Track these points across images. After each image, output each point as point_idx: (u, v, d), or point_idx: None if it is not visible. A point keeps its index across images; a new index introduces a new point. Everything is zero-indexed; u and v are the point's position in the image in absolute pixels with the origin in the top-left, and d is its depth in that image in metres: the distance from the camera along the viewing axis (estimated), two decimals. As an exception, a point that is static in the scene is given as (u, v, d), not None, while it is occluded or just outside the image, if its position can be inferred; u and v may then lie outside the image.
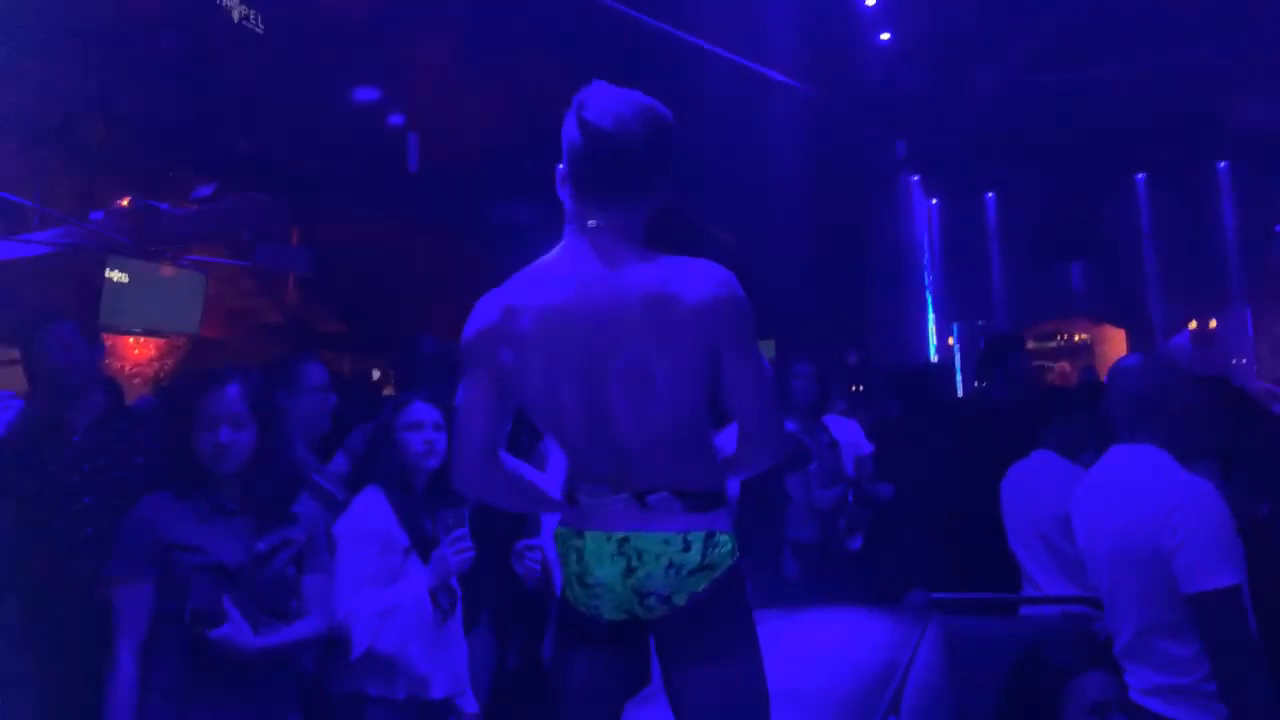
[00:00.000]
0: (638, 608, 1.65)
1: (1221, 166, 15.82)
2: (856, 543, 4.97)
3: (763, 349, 1.74)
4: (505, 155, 9.17)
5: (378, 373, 9.69)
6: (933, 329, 16.89)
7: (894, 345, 14.61)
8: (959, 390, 17.09)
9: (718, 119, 9.18)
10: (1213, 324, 16.03)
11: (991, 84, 12.91)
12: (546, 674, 1.81)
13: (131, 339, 9.21)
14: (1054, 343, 19.26)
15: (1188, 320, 16.13)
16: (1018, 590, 3.51)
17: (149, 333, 9.20)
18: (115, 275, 8.27)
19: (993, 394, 4.48)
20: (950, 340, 17.69)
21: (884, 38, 12.59)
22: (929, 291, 17.08)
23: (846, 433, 5.39)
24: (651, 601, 1.63)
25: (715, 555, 1.63)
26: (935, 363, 13.32)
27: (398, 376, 4.09)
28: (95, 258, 8.18)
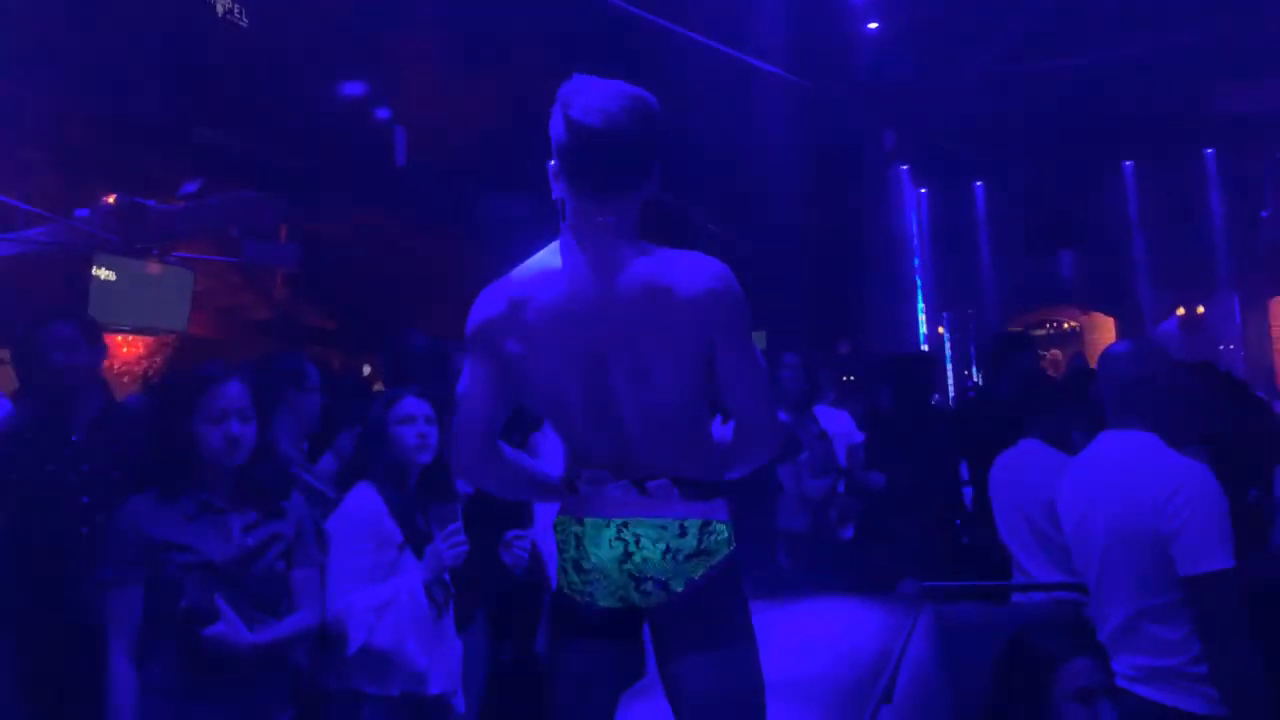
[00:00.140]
0: (634, 594, 1.66)
1: (1208, 153, 15.89)
2: (848, 532, 4.99)
3: (754, 340, 1.75)
4: (493, 149, 9.15)
5: (368, 368, 9.68)
6: (923, 318, 16.94)
7: (885, 334, 14.64)
8: (949, 379, 17.22)
9: (706, 110, 9.18)
10: (1200, 310, 16.13)
11: (979, 73, 12.92)
12: (541, 670, 1.82)
13: (119, 337, 9.17)
14: (1043, 330, 19.34)
15: (1176, 307, 16.22)
16: (1009, 578, 3.53)
17: (137, 330, 9.16)
18: (102, 273, 8.22)
19: (1001, 394, 4.48)
20: (940, 329, 17.76)
21: (872, 27, 12.59)
22: (919, 280, 17.13)
23: (838, 422, 5.41)
24: (648, 587, 1.64)
25: (712, 542, 1.64)
26: (925, 352, 13.35)
27: (386, 372, 4.08)
28: (82, 255, 8.13)
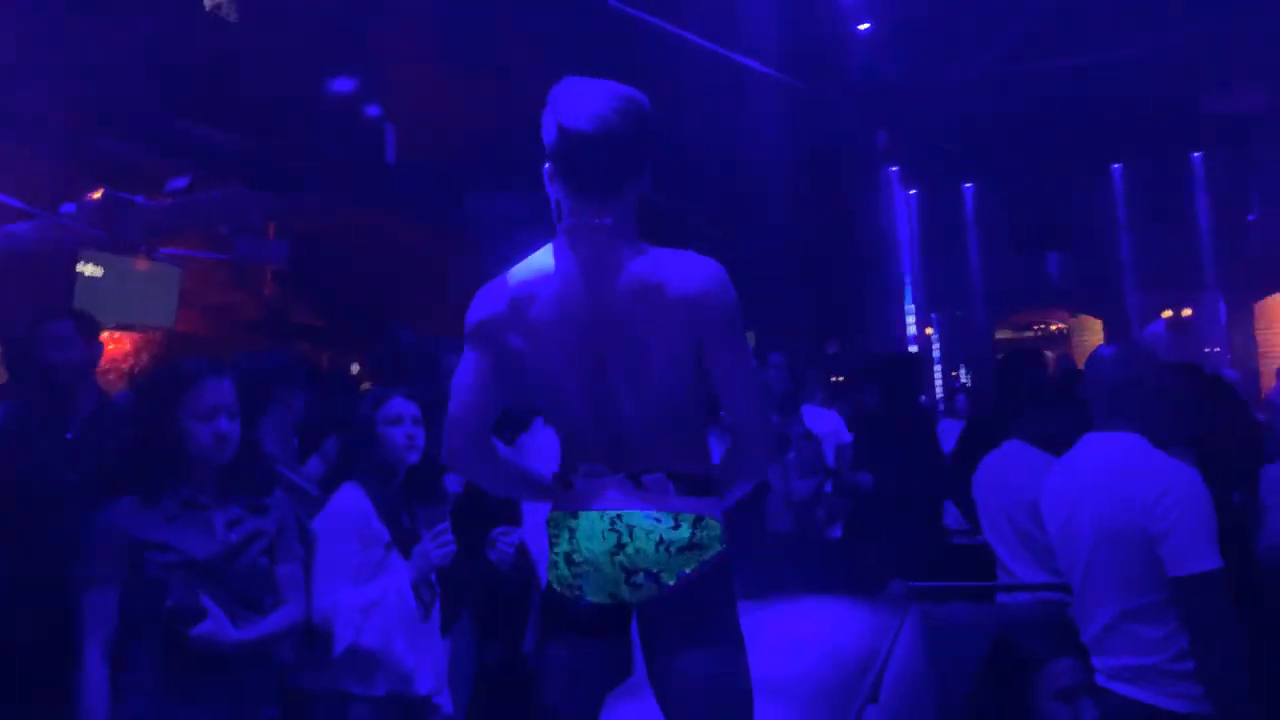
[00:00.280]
0: (624, 587, 1.67)
1: (1196, 157, 15.99)
2: (836, 532, 5.00)
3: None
4: (484, 147, 9.13)
5: (356, 367, 9.64)
6: (911, 319, 16.99)
7: (874, 335, 14.68)
8: (937, 379, 17.29)
9: (698, 109, 9.18)
10: (1187, 312, 16.23)
11: (969, 75, 12.97)
12: (528, 670, 1.82)
13: (105, 334, 9.10)
14: (1031, 332, 19.45)
15: (1163, 309, 16.32)
16: (995, 578, 3.55)
17: (123, 327, 9.09)
18: (88, 269, 8.16)
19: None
20: (929, 330, 17.82)
21: (863, 28, 12.63)
22: (908, 281, 17.18)
23: (826, 422, 5.42)
24: (639, 579, 1.65)
25: (704, 536, 1.66)
26: (911, 352, 13.38)
27: (374, 370, 4.06)
28: (68, 251, 8.07)
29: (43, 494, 2.58)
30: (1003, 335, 18.91)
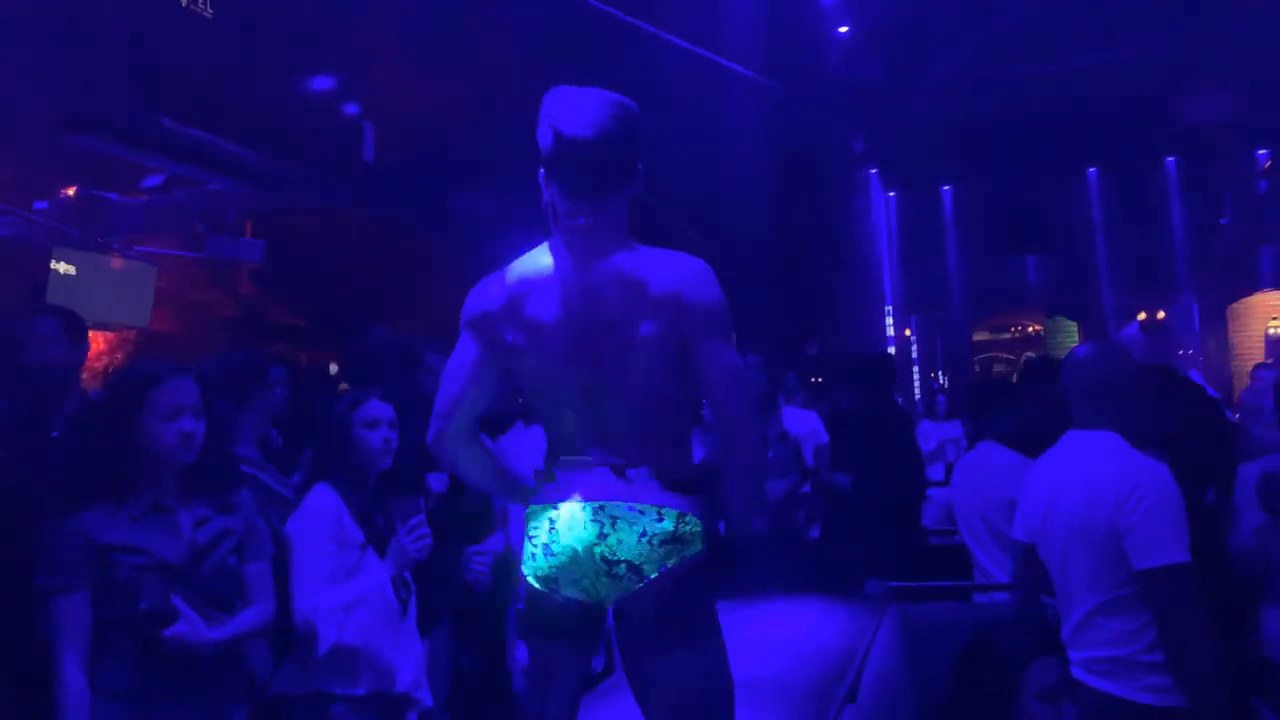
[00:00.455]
0: (603, 580, 1.67)
1: (1170, 161, 16.18)
2: (814, 532, 5.02)
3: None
4: (463, 146, 9.08)
5: (335, 366, 9.57)
6: (890, 320, 17.09)
7: (853, 336, 14.74)
8: (915, 381, 17.38)
9: (676, 110, 9.19)
10: (1161, 315, 16.43)
11: (948, 78, 13.06)
12: (505, 674, 1.82)
13: (79, 332, 8.97)
14: (1009, 334, 19.62)
15: (1137, 312, 16.51)
16: (972, 578, 3.57)
17: (98, 326, 8.97)
18: (62, 267, 8.06)
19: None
20: (908, 331, 17.93)
21: (842, 31, 12.68)
22: (887, 283, 17.27)
23: (806, 423, 5.43)
24: (621, 570, 1.66)
25: (687, 532, 1.68)
26: (883, 352, 13.40)
27: (349, 370, 4.03)
28: (41, 249, 7.96)
29: (25, 495, 2.55)
30: (981, 337, 19.07)
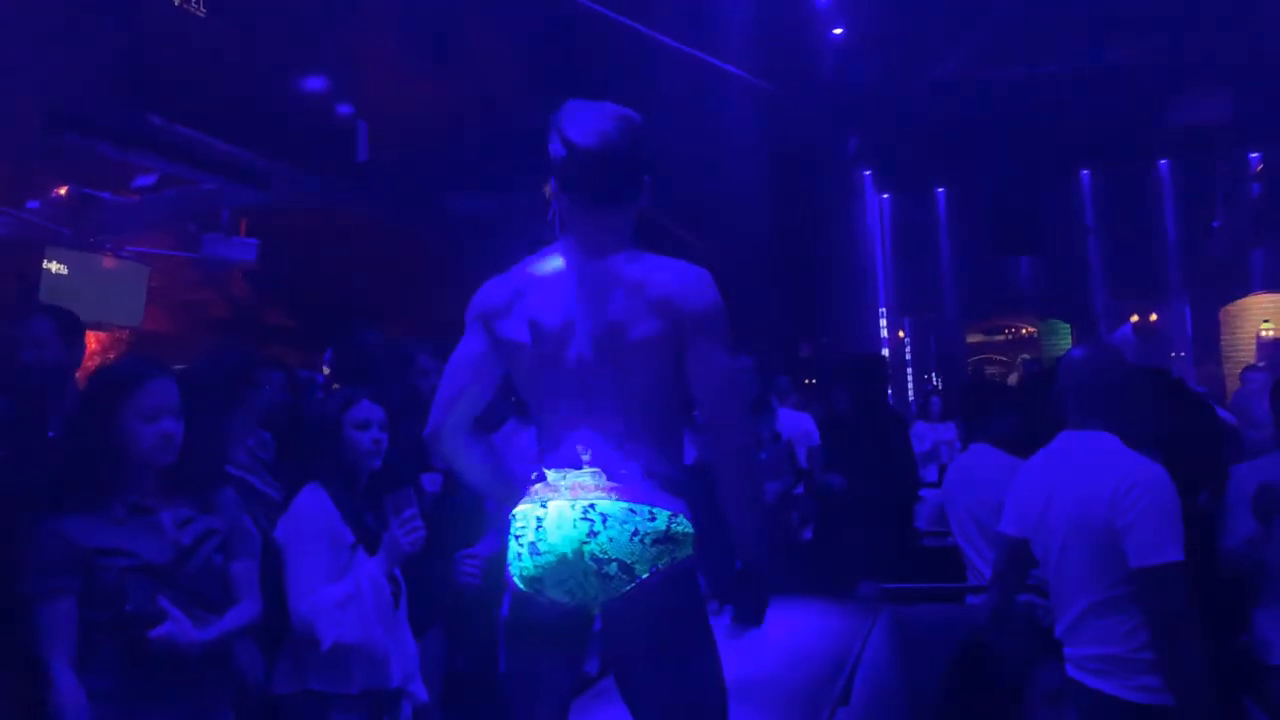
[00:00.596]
0: (593, 581, 1.66)
1: (1163, 164, 16.25)
2: (808, 534, 5.02)
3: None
4: (457, 146, 9.07)
5: (326, 368, 9.54)
6: (884, 322, 17.12)
7: (847, 338, 14.76)
8: (909, 382, 17.42)
9: (670, 111, 9.17)
10: (1153, 317, 16.49)
11: (941, 80, 13.08)
12: (499, 678, 1.81)
13: (70, 332, 8.92)
14: (1002, 336, 19.66)
15: (1130, 314, 16.57)
16: (965, 580, 3.57)
17: (90, 326, 8.92)
18: (54, 267, 8.02)
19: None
20: (901, 333, 17.97)
21: (836, 33, 12.70)
22: (881, 285, 17.30)
23: (799, 424, 5.44)
24: (612, 569, 1.64)
25: (679, 532, 1.68)
26: (874, 353, 13.42)
27: (340, 370, 4.01)
28: (33, 248, 7.92)
29: (23, 496, 2.53)
30: (974, 339, 19.12)
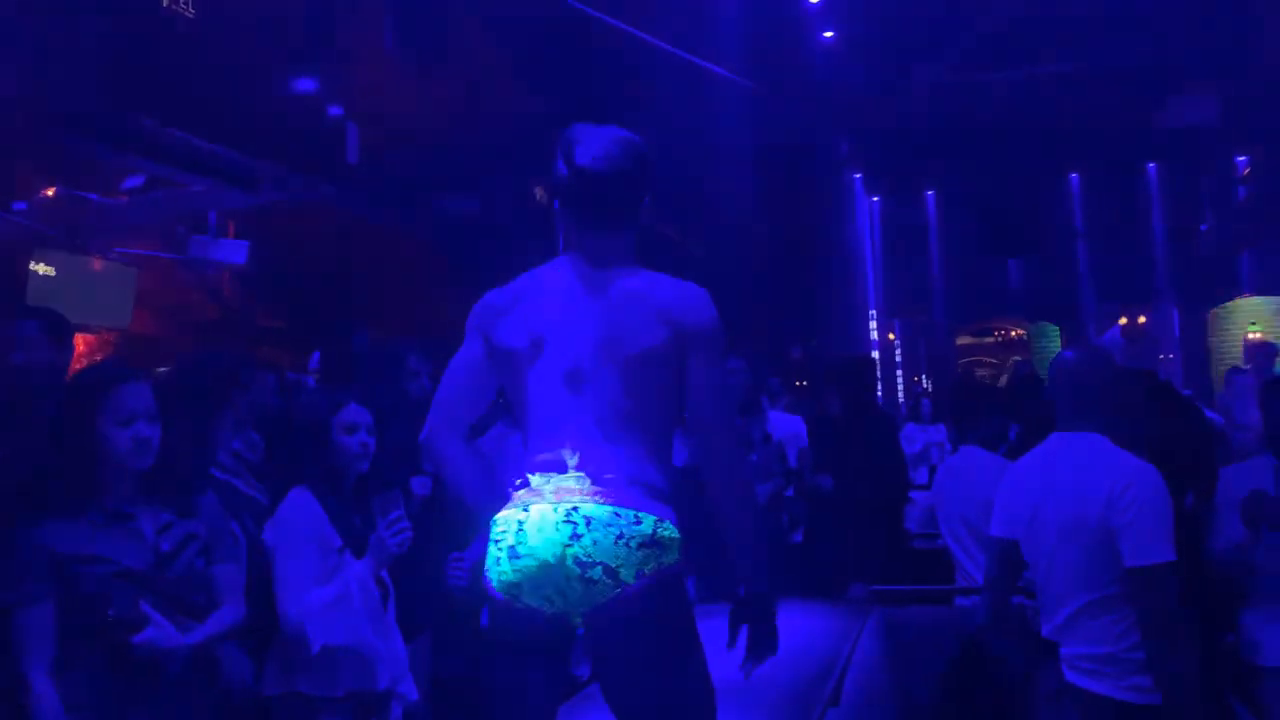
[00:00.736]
0: (574, 586, 1.64)
1: (1151, 167, 16.32)
2: (798, 535, 5.02)
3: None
4: (447, 148, 9.06)
5: (316, 370, 9.49)
6: (874, 324, 17.16)
7: (838, 340, 14.79)
8: (899, 384, 17.45)
9: (661, 113, 9.18)
10: (1142, 320, 16.56)
11: (931, 83, 13.12)
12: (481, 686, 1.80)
13: (58, 334, 8.86)
14: (991, 338, 19.71)
15: (1119, 316, 16.64)
16: (955, 582, 3.58)
17: (77, 328, 8.89)
18: (41, 268, 7.98)
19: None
20: (891, 335, 18.02)
21: (827, 35, 12.72)
22: (871, 287, 17.35)
23: (789, 426, 5.44)
24: (596, 573, 1.63)
25: (665, 536, 1.67)
26: (863, 354, 13.44)
27: (328, 371, 3.99)
28: (21, 250, 7.88)
29: (13, 499, 2.51)
30: (964, 341, 19.16)
